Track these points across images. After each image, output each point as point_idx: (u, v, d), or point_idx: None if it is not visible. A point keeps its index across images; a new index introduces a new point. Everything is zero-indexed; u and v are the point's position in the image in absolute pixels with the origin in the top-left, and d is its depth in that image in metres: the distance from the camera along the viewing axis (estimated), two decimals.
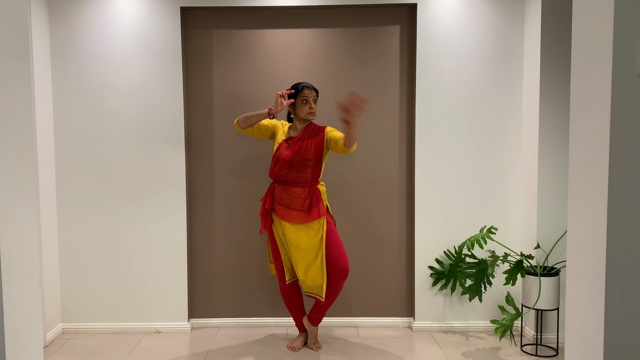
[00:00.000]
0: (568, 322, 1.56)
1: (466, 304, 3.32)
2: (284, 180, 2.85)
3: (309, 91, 2.84)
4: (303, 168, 2.82)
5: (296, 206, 2.82)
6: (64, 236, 3.30)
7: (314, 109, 2.85)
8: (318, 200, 2.85)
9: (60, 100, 3.25)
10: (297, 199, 2.82)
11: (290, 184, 2.84)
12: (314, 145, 2.82)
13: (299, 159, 2.80)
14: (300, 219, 2.82)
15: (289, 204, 2.83)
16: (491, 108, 3.26)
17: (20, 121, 1.37)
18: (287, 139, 2.87)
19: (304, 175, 2.83)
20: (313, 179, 2.86)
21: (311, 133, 2.86)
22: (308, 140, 2.84)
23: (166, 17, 3.20)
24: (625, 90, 1.31)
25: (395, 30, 3.31)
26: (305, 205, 2.82)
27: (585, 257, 1.45)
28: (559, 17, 3.00)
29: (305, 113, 2.84)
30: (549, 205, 3.07)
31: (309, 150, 2.81)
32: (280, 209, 2.85)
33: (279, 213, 2.86)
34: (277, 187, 2.88)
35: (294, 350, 2.99)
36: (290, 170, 2.81)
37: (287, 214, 2.84)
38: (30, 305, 1.41)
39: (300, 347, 3.02)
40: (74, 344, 3.14)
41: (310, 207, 2.83)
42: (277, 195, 2.87)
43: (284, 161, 2.81)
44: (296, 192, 2.83)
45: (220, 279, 3.41)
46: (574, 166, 1.51)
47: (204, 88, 3.34)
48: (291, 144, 2.84)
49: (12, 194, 1.32)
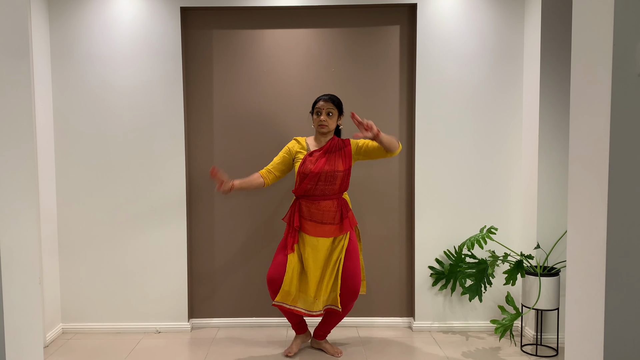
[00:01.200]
0: (568, 322, 1.56)
1: (466, 304, 3.32)
2: (311, 194, 2.76)
3: (324, 103, 2.78)
4: (332, 180, 2.74)
5: (328, 220, 2.76)
6: (64, 236, 3.31)
7: (325, 121, 2.76)
8: (347, 211, 2.82)
9: (60, 100, 3.25)
10: (328, 212, 2.76)
11: (319, 197, 2.76)
12: (342, 157, 2.77)
13: (327, 170, 2.73)
14: (334, 232, 2.76)
15: (321, 219, 2.75)
16: (491, 108, 3.26)
17: (20, 121, 1.37)
18: (310, 152, 2.79)
19: (333, 188, 2.76)
20: (341, 191, 2.81)
21: (336, 146, 2.81)
22: (335, 152, 2.78)
23: (166, 17, 3.21)
24: (625, 90, 1.31)
25: (395, 30, 3.31)
26: (337, 218, 2.77)
27: (585, 257, 1.45)
28: (559, 17, 3.00)
29: (316, 125, 2.81)
30: (549, 205, 3.07)
31: (337, 162, 2.76)
32: (311, 225, 2.76)
33: (310, 230, 2.76)
34: (304, 202, 2.79)
35: (289, 355, 2.90)
36: (319, 183, 2.74)
37: (319, 230, 2.75)
38: (30, 305, 1.41)
39: (296, 350, 2.94)
40: (74, 344, 3.14)
41: (342, 219, 2.78)
42: (305, 211, 2.78)
43: (313, 175, 2.72)
44: (326, 206, 2.76)
45: (220, 279, 3.41)
46: (574, 166, 1.51)
47: (204, 88, 3.34)
48: (317, 157, 2.76)
49: (12, 193, 1.32)
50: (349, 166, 2.79)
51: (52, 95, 3.25)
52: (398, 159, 3.35)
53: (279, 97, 3.32)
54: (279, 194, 3.34)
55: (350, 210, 2.86)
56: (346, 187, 2.84)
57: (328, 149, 2.78)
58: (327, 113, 2.78)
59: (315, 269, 2.77)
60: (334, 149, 2.79)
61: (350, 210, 2.86)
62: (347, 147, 2.81)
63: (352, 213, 2.86)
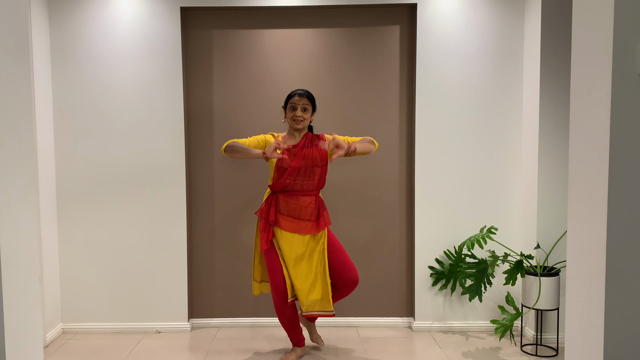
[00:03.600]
0: (568, 322, 1.56)
1: (466, 304, 3.32)
2: (291, 189, 2.70)
3: (299, 98, 2.72)
4: (311, 175, 2.71)
5: (305, 216, 2.70)
6: (64, 236, 3.31)
7: (299, 117, 2.70)
8: (323, 209, 2.78)
9: (60, 100, 3.25)
10: (307, 209, 2.71)
11: (299, 192, 2.71)
12: (319, 152, 2.73)
13: (307, 165, 2.69)
14: (309, 229, 2.71)
15: (298, 215, 2.70)
16: (491, 108, 3.26)
17: (20, 121, 1.37)
18: (288, 148, 2.69)
19: (312, 183, 2.72)
20: (319, 187, 2.78)
21: (312, 141, 2.76)
22: (311, 148, 2.73)
23: (166, 17, 3.21)
24: (625, 90, 1.31)
25: (395, 30, 3.31)
26: (314, 215, 2.71)
27: (585, 257, 1.45)
28: (559, 16, 3.00)
29: (289, 118, 2.73)
30: (549, 205, 3.07)
31: (315, 156, 2.72)
32: (288, 220, 2.70)
33: (285, 225, 2.70)
34: (282, 197, 2.72)
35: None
36: (298, 178, 2.69)
37: (295, 226, 2.70)
38: (30, 305, 1.41)
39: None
40: (74, 344, 3.14)
41: (318, 216, 2.74)
42: (282, 206, 2.71)
43: (293, 169, 2.67)
44: (305, 202, 2.71)
45: (220, 279, 3.41)
46: (574, 166, 1.51)
47: (204, 88, 3.34)
48: (295, 152, 2.70)
49: (12, 194, 1.32)
50: (326, 161, 2.75)
51: (52, 95, 3.25)
52: (398, 159, 3.35)
53: (279, 97, 3.32)
54: None
55: (326, 210, 2.81)
56: (324, 183, 2.79)
57: (305, 144, 2.74)
58: (303, 108, 2.72)
59: (297, 267, 2.71)
60: (310, 144, 2.75)
61: (326, 209, 2.81)
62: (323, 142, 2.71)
63: (327, 212, 2.81)
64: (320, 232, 2.75)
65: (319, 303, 2.73)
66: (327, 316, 2.74)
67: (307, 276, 2.72)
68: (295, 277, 2.71)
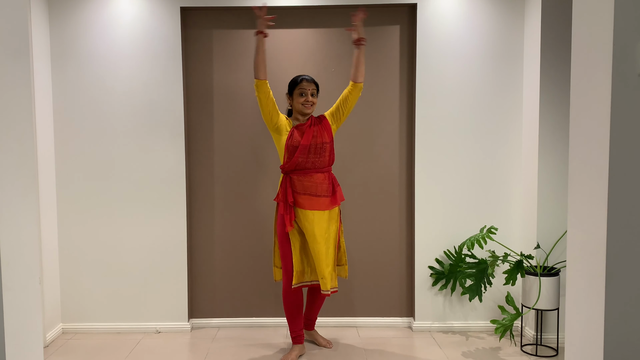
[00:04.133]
0: (568, 322, 1.56)
1: (466, 304, 3.32)
2: (303, 167, 2.76)
3: (307, 83, 2.82)
4: (322, 152, 2.78)
5: (322, 192, 2.77)
6: (64, 236, 3.31)
7: (310, 101, 2.81)
8: (337, 185, 2.87)
9: (60, 100, 3.25)
10: (322, 185, 2.78)
11: (311, 170, 2.77)
12: (324, 129, 2.83)
13: (316, 142, 2.77)
14: (327, 205, 2.78)
15: (315, 191, 2.76)
16: (491, 108, 3.26)
17: (20, 121, 1.37)
18: (296, 126, 2.81)
19: (323, 160, 2.79)
20: (330, 163, 2.85)
21: (315, 121, 2.86)
22: (316, 126, 2.83)
23: (166, 17, 3.20)
24: (625, 90, 1.31)
25: (395, 30, 3.31)
26: (329, 190, 2.80)
27: (585, 257, 1.45)
28: (559, 16, 3.00)
29: (300, 104, 2.81)
30: (549, 205, 3.07)
31: (322, 133, 2.81)
32: (306, 198, 2.75)
33: (305, 204, 2.75)
34: (295, 177, 2.77)
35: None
36: (309, 156, 2.76)
37: (314, 202, 2.75)
38: (30, 305, 1.41)
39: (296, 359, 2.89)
40: (74, 344, 3.14)
41: (334, 191, 2.83)
42: (297, 185, 2.76)
43: (303, 147, 2.73)
44: (319, 178, 2.78)
45: (220, 279, 3.41)
46: (574, 166, 1.51)
47: (204, 88, 3.33)
48: (304, 130, 2.78)
49: (12, 194, 1.32)
50: (332, 137, 2.85)
51: (52, 95, 3.25)
52: (398, 159, 3.35)
53: (278, 97, 3.32)
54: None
55: (339, 185, 2.90)
56: (333, 159, 2.88)
57: (311, 123, 2.83)
58: (311, 94, 2.83)
59: (320, 243, 2.75)
60: (315, 123, 2.85)
61: (339, 185, 2.90)
62: (324, 120, 2.87)
63: (340, 188, 2.90)
64: (335, 210, 2.84)
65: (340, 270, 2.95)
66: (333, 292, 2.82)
67: (330, 252, 2.80)
68: (318, 254, 2.75)
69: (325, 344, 3.04)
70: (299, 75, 2.88)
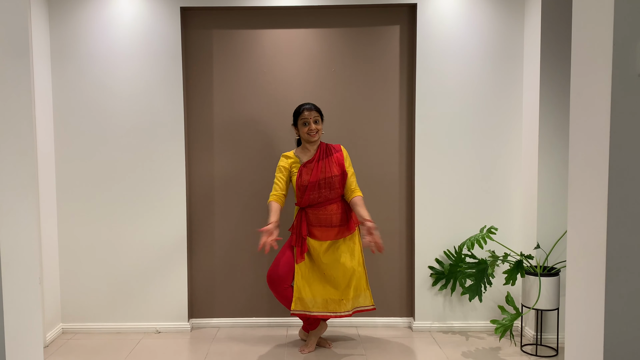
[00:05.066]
0: (568, 322, 1.56)
1: (466, 304, 3.32)
2: (316, 202, 2.83)
3: (309, 112, 2.84)
4: (332, 185, 2.83)
5: (336, 222, 2.84)
6: (64, 236, 3.31)
7: (314, 129, 2.84)
8: (350, 211, 2.91)
9: (60, 100, 3.25)
10: (336, 215, 2.85)
11: (324, 203, 2.84)
12: (334, 162, 2.86)
13: (325, 177, 2.82)
14: (342, 233, 2.85)
15: (329, 223, 2.84)
16: (491, 108, 3.26)
17: (20, 121, 1.37)
18: (304, 164, 2.86)
19: (335, 192, 2.84)
20: (342, 193, 2.90)
21: (326, 152, 2.88)
22: (326, 159, 2.86)
23: (166, 17, 3.21)
24: (625, 90, 1.32)
25: (395, 30, 3.31)
26: (344, 219, 2.87)
27: (585, 257, 1.45)
28: (559, 16, 3.00)
29: (305, 134, 2.86)
30: (549, 205, 3.07)
31: (331, 168, 2.84)
32: (321, 230, 2.84)
33: (317, 235, 2.84)
34: (310, 211, 2.86)
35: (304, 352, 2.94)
36: (321, 191, 2.82)
37: (330, 233, 2.83)
38: (30, 305, 1.41)
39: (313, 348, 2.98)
40: (74, 344, 3.14)
41: (348, 220, 2.88)
42: (312, 219, 2.85)
43: (312, 184, 2.80)
44: (332, 209, 2.85)
45: (220, 279, 3.41)
46: (574, 166, 1.51)
47: (204, 88, 3.34)
48: (311, 167, 2.84)
49: (12, 194, 1.32)
50: (343, 169, 2.86)
51: (52, 95, 3.25)
52: (398, 159, 3.35)
53: (279, 97, 3.33)
54: None
55: (352, 211, 2.91)
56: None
57: (319, 157, 2.86)
58: (314, 121, 2.85)
59: (339, 269, 2.81)
60: (325, 156, 2.87)
61: (351, 210, 2.91)
62: (338, 153, 2.90)
63: (353, 213, 2.91)
64: (354, 235, 2.88)
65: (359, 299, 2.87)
66: (369, 310, 2.90)
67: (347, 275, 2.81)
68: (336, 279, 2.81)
69: (325, 344, 3.04)
70: (300, 105, 2.90)
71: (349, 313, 2.82)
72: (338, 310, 2.81)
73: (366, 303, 2.88)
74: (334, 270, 2.81)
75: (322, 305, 2.81)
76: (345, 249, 2.85)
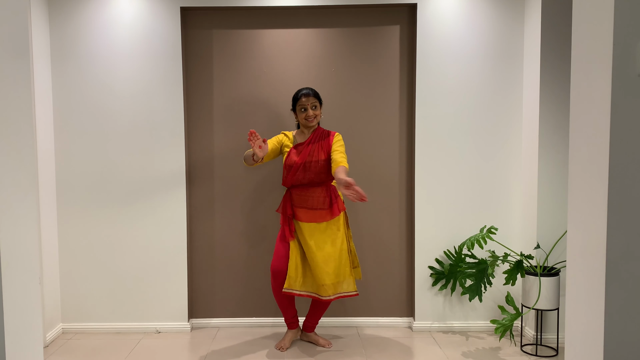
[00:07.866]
0: (568, 322, 1.56)
1: (466, 304, 3.32)
2: (300, 183, 2.89)
3: (306, 99, 2.89)
4: (317, 169, 2.87)
5: (318, 205, 2.88)
6: (64, 236, 3.30)
7: (311, 115, 2.89)
8: (336, 197, 2.93)
9: (60, 100, 3.25)
10: (318, 198, 2.88)
11: (308, 185, 2.89)
12: (324, 147, 2.90)
13: (311, 161, 2.86)
14: (324, 217, 2.87)
15: (312, 205, 2.88)
16: (491, 108, 3.26)
17: (20, 121, 1.37)
18: (295, 145, 2.94)
19: (320, 176, 2.88)
20: (328, 178, 2.92)
21: (320, 136, 2.93)
22: (317, 143, 2.91)
23: (166, 17, 3.20)
24: (625, 90, 1.32)
25: (395, 30, 3.31)
26: (327, 203, 2.89)
27: (585, 257, 1.45)
28: (559, 16, 3.00)
29: (303, 119, 2.92)
30: (549, 205, 3.07)
31: (319, 152, 2.88)
32: (303, 211, 2.89)
33: (302, 216, 2.89)
34: (294, 192, 2.92)
35: (282, 349, 2.99)
36: (305, 173, 2.87)
37: (311, 215, 2.88)
38: (30, 305, 1.41)
39: (289, 345, 3.03)
40: (74, 344, 3.14)
41: (331, 204, 2.89)
42: (296, 199, 2.91)
43: (297, 165, 2.86)
44: (316, 192, 2.89)
45: (220, 279, 3.41)
46: (574, 166, 1.51)
47: (204, 88, 3.34)
48: (301, 149, 2.91)
49: (12, 194, 1.32)
50: (330, 155, 2.88)
51: (52, 95, 3.25)
52: (398, 159, 3.35)
53: (279, 97, 3.32)
54: (278, 195, 3.34)
55: (339, 197, 2.95)
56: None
57: (311, 140, 2.92)
58: (312, 107, 2.90)
59: (317, 253, 2.84)
60: (317, 140, 2.92)
61: (339, 197, 2.95)
62: (330, 137, 2.93)
63: (340, 199, 2.95)
64: (338, 221, 2.90)
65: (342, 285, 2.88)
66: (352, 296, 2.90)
67: (329, 261, 2.83)
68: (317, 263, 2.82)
69: (324, 344, 3.04)
70: (299, 90, 2.95)
71: (330, 298, 2.84)
72: (320, 294, 2.84)
73: (349, 289, 2.89)
74: (315, 255, 2.84)
75: (306, 285, 2.89)
76: (329, 233, 2.88)
